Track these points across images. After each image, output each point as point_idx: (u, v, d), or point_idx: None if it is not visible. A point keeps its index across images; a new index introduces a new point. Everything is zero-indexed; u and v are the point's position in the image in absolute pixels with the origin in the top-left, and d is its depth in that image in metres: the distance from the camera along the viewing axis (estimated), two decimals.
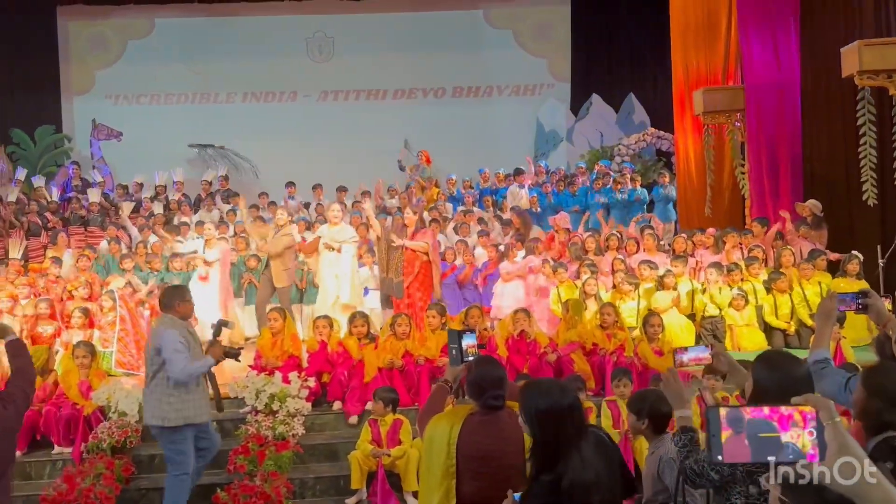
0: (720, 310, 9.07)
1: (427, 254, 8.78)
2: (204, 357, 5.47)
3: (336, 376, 7.30)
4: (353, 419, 7.05)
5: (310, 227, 11.89)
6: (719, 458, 1.72)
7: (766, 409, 1.68)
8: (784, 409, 1.67)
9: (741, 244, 10.21)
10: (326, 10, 16.87)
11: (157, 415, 5.41)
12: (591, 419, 6.62)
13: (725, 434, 1.69)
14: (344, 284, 9.23)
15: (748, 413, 1.71)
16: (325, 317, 7.91)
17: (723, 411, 1.71)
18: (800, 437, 1.66)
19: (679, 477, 3.23)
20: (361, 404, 7.11)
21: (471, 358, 3.54)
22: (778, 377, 2.89)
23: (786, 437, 1.66)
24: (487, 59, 17.42)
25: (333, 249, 9.28)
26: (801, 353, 3.67)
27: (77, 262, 10.26)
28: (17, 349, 3.99)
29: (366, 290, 10.16)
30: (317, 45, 17.23)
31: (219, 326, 5.68)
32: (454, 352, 3.60)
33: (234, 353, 5.68)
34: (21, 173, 14.53)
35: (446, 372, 3.71)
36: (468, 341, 3.58)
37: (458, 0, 17.08)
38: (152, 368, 5.41)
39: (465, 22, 17.36)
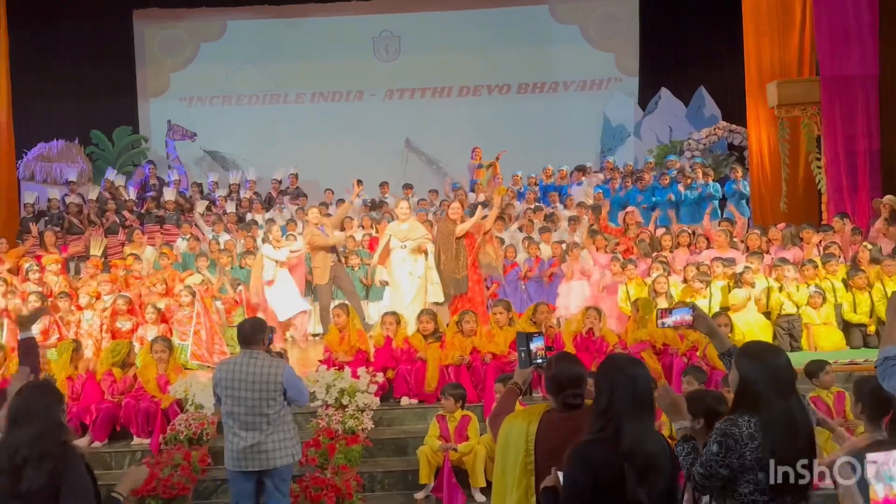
0: (798, 308, 8.80)
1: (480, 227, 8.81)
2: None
3: (400, 372, 7.38)
4: None
5: (374, 223, 12.02)
6: None
7: None
8: None
9: (822, 240, 9.94)
10: (393, 9, 17.02)
11: (290, 452, 5.10)
12: (662, 419, 6.51)
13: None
14: (415, 283, 9.22)
15: None
16: (393, 313, 7.99)
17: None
18: None
19: (688, 484, 3.22)
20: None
21: (539, 360, 3.53)
22: (760, 367, 2.97)
23: None
24: (553, 54, 17.32)
25: (424, 252, 9.25)
26: None
27: (159, 258, 10.58)
28: (29, 348, 4.09)
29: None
30: (383, 45, 17.38)
31: (271, 337, 5.57)
32: (523, 354, 3.59)
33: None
34: (111, 173, 15.06)
35: (515, 374, 3.69)
36: (537, 344, 3.57)
37: None
38: (273, 408, 4.94)
39: (531, 17, 17.28)
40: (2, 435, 3.33)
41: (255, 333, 5.07)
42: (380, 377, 7.25)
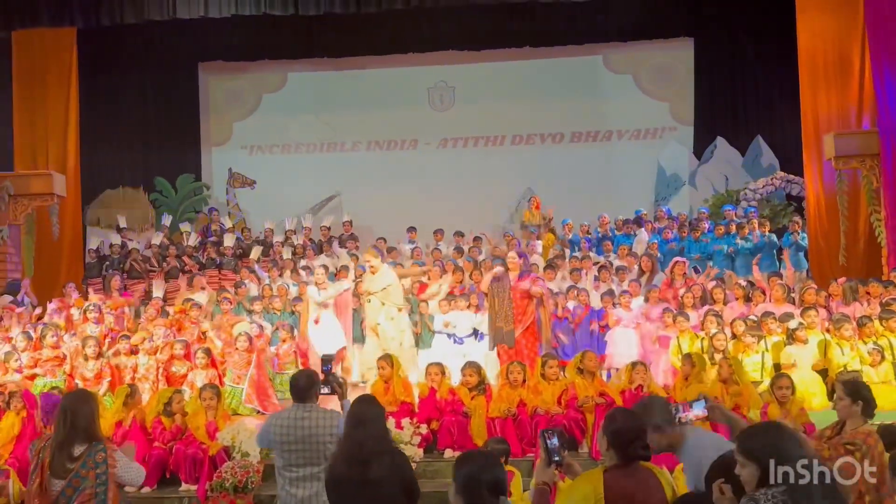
0: (862, 364, 8.53)
1: (540, 297, 8.78)
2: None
3: (444, 424, 7.36)
4: None
5: (425, 271, 12.11)
6: None
7: None
8: None
9: (882, 295, 9.66)
10: (448, 61, 17.30)
11: None
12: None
13: None
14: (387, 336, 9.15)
15: None
16: (438, 364, 7.99)
17: None
18: None
19: None
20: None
21: (557, 458, 3.51)
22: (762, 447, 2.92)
23: None
24: (607, 103, 17.33)
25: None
26: None
27: (219, 303, 10.80)
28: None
29: (481, 336, 10.21)
30: (438, 95, 17.68)
31: (330, 366, 5.43)
32: (544, 454, 3.55)
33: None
34: (167, 219, 15.52)
35: (540, 474, 3.61)
36: (553, 442, 3.54)
37: (578, 47, 17.07)
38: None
39: (584, 68, 17.37)
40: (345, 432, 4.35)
41: (309, 388, 4.96)
42: (423, 428, 7.26)
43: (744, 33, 16.16)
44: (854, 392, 4.36)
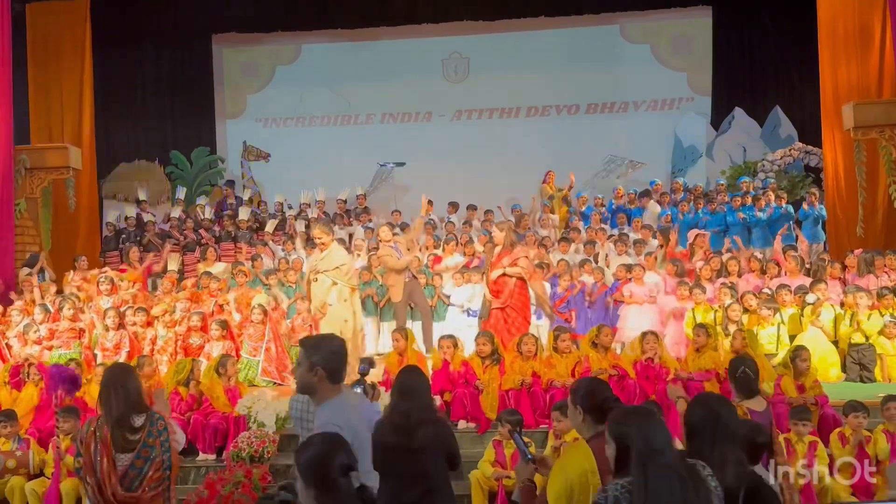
0: (867, 338, 8.52)
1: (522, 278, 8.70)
2: None
3: (457, 396, 7.41)
4: None
5: (438, 244, 12.11)
6: None
7: None
8: None
9: None
10: (462, 31, 17.16)
11: None
12: None
13: None
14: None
15: None
16: (451, 336, 8.02)
17: None
18: None
19: None
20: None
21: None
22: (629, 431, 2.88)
23: None
24: (623, 74, 17.15)
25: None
26: None
27: (234, 276, 10.85)
28: None
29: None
30: (452, 66, 17.55)
31: (367, 368, 4.96)
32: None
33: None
34: (181, 192, 15.57)
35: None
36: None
37: (594, 16, 16.89)
38: None
39: (600, 38, 17.16)
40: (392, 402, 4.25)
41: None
42: (437, 400, 7.29)
43: (763, 2, 15.91)
44: (730, 373, 4.72)
